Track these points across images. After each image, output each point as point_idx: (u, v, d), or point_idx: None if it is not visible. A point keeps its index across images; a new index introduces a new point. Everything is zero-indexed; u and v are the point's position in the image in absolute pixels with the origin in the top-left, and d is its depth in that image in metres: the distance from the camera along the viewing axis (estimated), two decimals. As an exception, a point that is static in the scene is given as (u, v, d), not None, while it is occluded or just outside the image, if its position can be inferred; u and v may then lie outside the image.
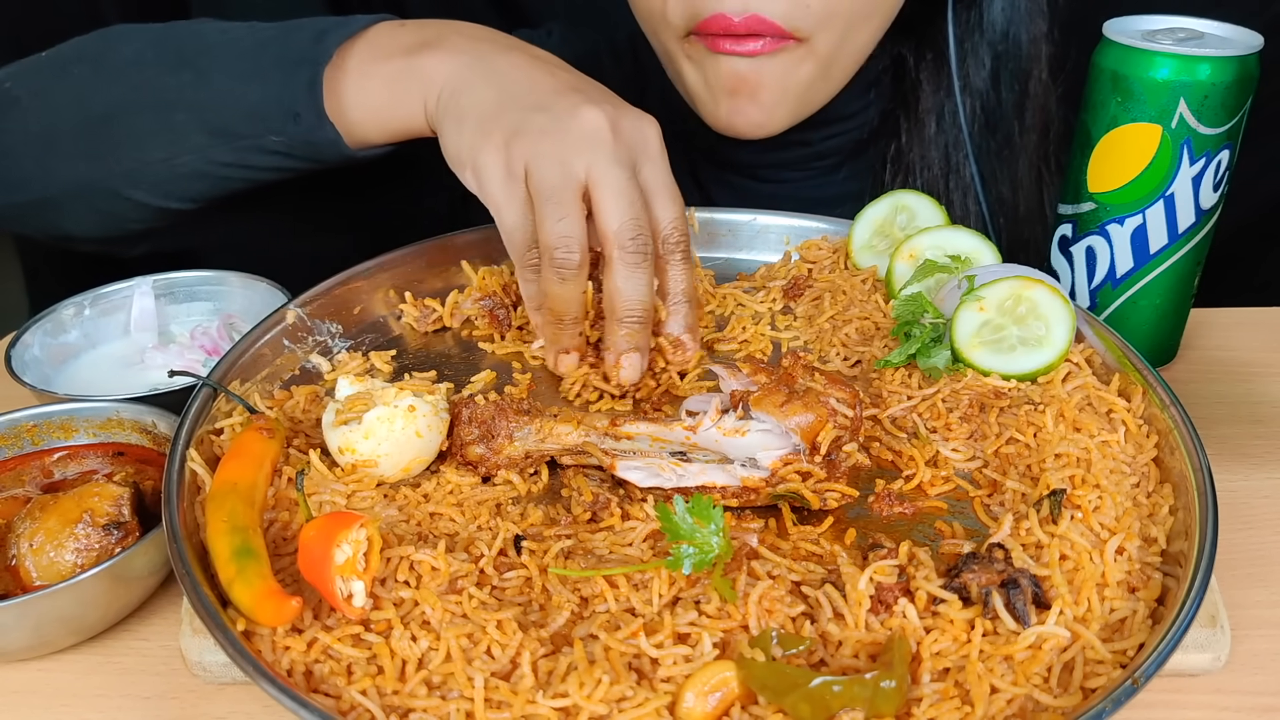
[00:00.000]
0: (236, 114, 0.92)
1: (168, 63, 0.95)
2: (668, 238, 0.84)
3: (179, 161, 0.95)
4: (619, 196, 0.79)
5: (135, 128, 0.95)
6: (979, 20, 1.09)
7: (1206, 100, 0.85)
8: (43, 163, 0.98)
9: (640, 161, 0.83)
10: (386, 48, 0.91)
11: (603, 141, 0.80)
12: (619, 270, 0.80)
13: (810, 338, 0.94)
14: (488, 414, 0.76)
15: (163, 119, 0.94)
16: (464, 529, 0.72)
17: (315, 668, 0.61)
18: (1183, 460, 0.73)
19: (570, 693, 0.58)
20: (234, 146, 0.93)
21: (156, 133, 0.95)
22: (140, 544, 0.68)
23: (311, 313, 0.92)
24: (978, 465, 0.78)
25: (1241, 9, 0.94)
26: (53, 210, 1.01)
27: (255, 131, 0.92)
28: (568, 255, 0.79)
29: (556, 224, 0.79)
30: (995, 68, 1.10)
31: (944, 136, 1.12)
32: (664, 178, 0.84)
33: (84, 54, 0.99)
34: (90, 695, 0.67)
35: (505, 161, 0.81)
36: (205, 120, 0.93)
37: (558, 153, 0.79)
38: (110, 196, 0.98)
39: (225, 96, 0.92)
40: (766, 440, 0.73)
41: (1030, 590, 0.64)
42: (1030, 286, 0.83)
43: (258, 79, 0.91)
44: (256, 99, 0.91)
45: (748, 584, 0.66)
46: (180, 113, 0.94)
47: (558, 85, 0.84)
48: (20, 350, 0.90)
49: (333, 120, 0.90)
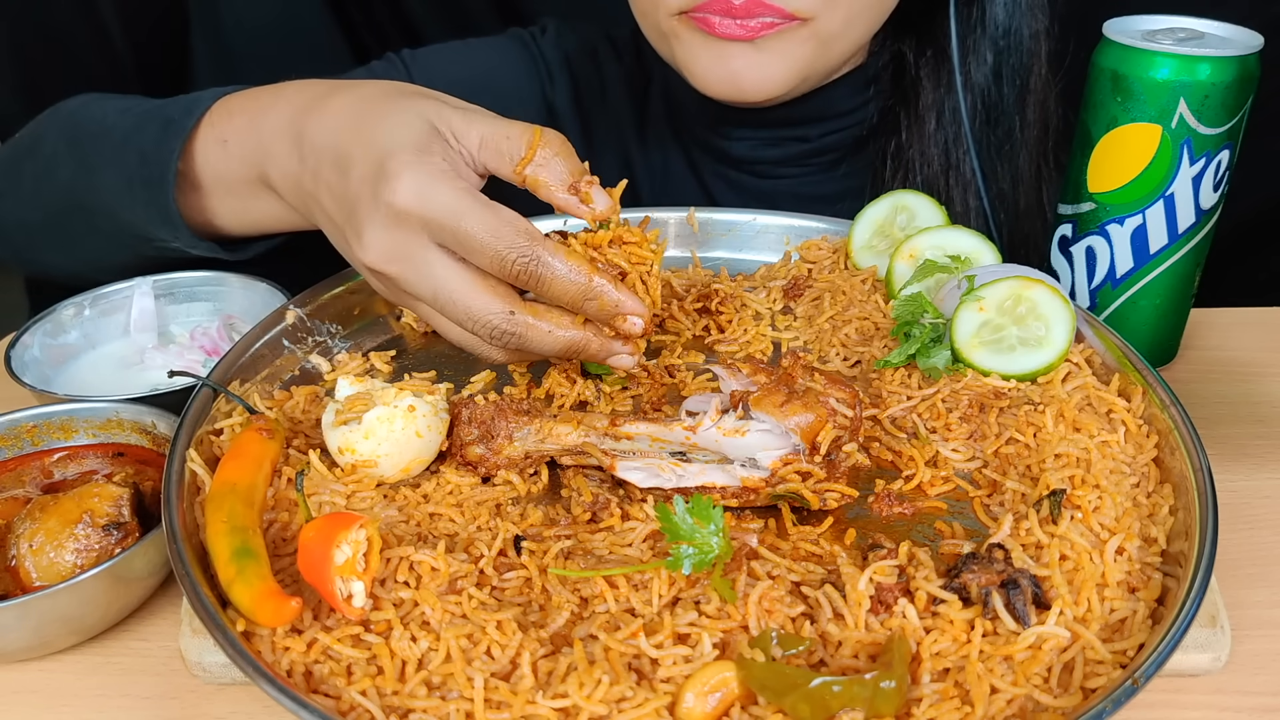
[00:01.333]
0: (131, 227, 0.96)
1: (76, 162, 0.98)
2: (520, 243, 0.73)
3: (120, 257, 1.00)
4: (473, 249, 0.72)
5: (74, 227, 1.01)
6: (981, 16, 1.09)
7: (1206, 100, 0.85)
8: (28, 250, 1.07)
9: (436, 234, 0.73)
10: (227, 177, 0.90)
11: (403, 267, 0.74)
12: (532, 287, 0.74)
13: (810, 338, 0.94)
14: (487, 414, 0.76)
15: (89, 222, 0.99)
16: (464, 529, 0.72)
17: (315, 668, 0.61)
18: (1183, 460, 0.73)
19: (570, 693, 0.58)
20: (151, 247, 0.98)
21: (89, 233, 1.00)
22: (140, 544, 0.68)
23: (311, 313, 0.92)
24: (978, 465, 0.78)
25: (1241, 9, 0.94)
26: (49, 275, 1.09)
27: (150, 240, 0.96)
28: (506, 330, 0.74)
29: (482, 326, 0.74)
30: (997, 63, 1.10)
31: (944, 133, 1.12)
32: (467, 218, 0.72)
33: (29, 147, 1.03)
34: (90, 695, 0.67)
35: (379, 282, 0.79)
36: (119, 226, 0.97)
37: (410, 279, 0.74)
38: (89, 275, 1.01)
39: (116, 208, 0.95)
40: (766, 440, 0.73)
41: (1030, 590, 0.64)
42: (1030, 286, 0.83)
43: (128, 194, 0.93)
44: (139, 219, 0.94)
45: (747, 584, 0.65)
46: (100, 216, 0.98)
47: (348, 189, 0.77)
48: (20, 351, 0.90)
49: (207, 228, 0.94)
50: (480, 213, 0.71)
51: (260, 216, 0.92)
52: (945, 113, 1.12)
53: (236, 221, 0.94)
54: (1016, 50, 1.10)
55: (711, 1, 0.93)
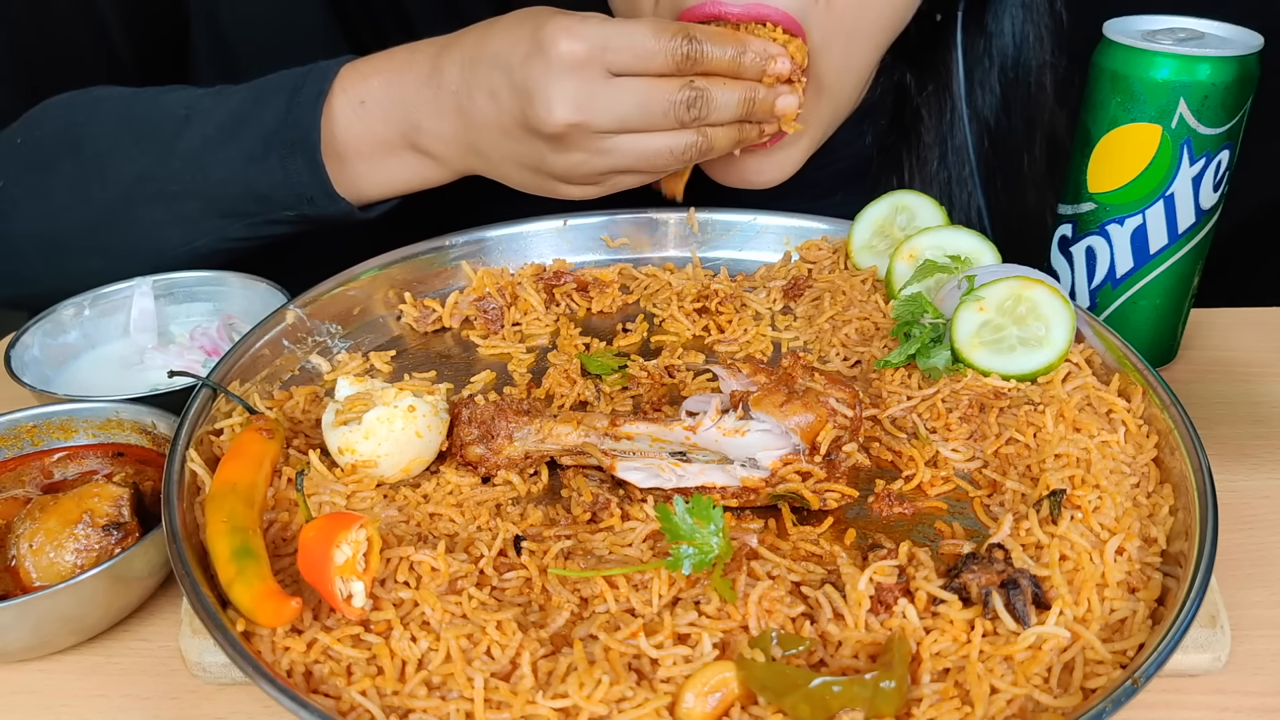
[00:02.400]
0: (246, 199, 0.95)
1: (150, 151, 0.96)
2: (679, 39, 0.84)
3: (196, 244, 0.99)
4: (632, 56, 0.82)
5: (145, 219, 0.98)
6: (988, 48, 1.07)
7: (1206, 100, 0.85)
8: (54, 262, 1.01)
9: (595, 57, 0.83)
10: (368, 139, 0.93)
11: (576, 61, 0.82)
12: (704, 58, 0.83)
13: (810, 338, 0.94)
14: (487, 414, 0.76)
15: (171, 209, 0.97)
16: (464, 529, 0.72)
17: (315, 668, 0.61)
18: (1183, 460, 0.73)
19: (570, 693, 0.58)
20: (247, 223, 0.97)
21: (168, 221, 0.98)
22: (140, 544, 0.68)
23: (311, 313, 0.92)
24: (978, 465, 0.78)
25: (1241, 9, 0.94)
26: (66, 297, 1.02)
27: (267, 210, 0.96)
28: (690, 99, 0.84)
29: (661, 117, 0.84)
30: (1005, 97, 1.09)
31: (946, 172, 1.11)
32: (621, 35, 0.83)
33: (60, 143, 1.00)
34: (90, 695, 0.67)
35: (593, 185, 0.90)
36: (215, 206, 0.96)
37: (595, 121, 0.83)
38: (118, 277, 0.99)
39: (228, 184, 0.95)
40: (766, 440, 0.73)
41: (1030, 590, 0.64)
42: (1030, 286, 0.83)
43: (256, 166, 0.93)
44: (264, 187, 0.94)
45: (747, 584, 0.65)
46: (188, 201, 0.96)
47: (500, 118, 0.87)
48: (20, 350, 0.90)
49: (345, 196, 0.94)
50: (634, 25, 0.83)
51: (392, 176, 0.95)
52: (949, 152, 1.11)
53: (370, 184, 0.95)
54: (1024, 83, 1.09)
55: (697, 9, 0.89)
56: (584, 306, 0.99)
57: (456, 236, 1.01)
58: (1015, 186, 1.13)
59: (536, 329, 0.96)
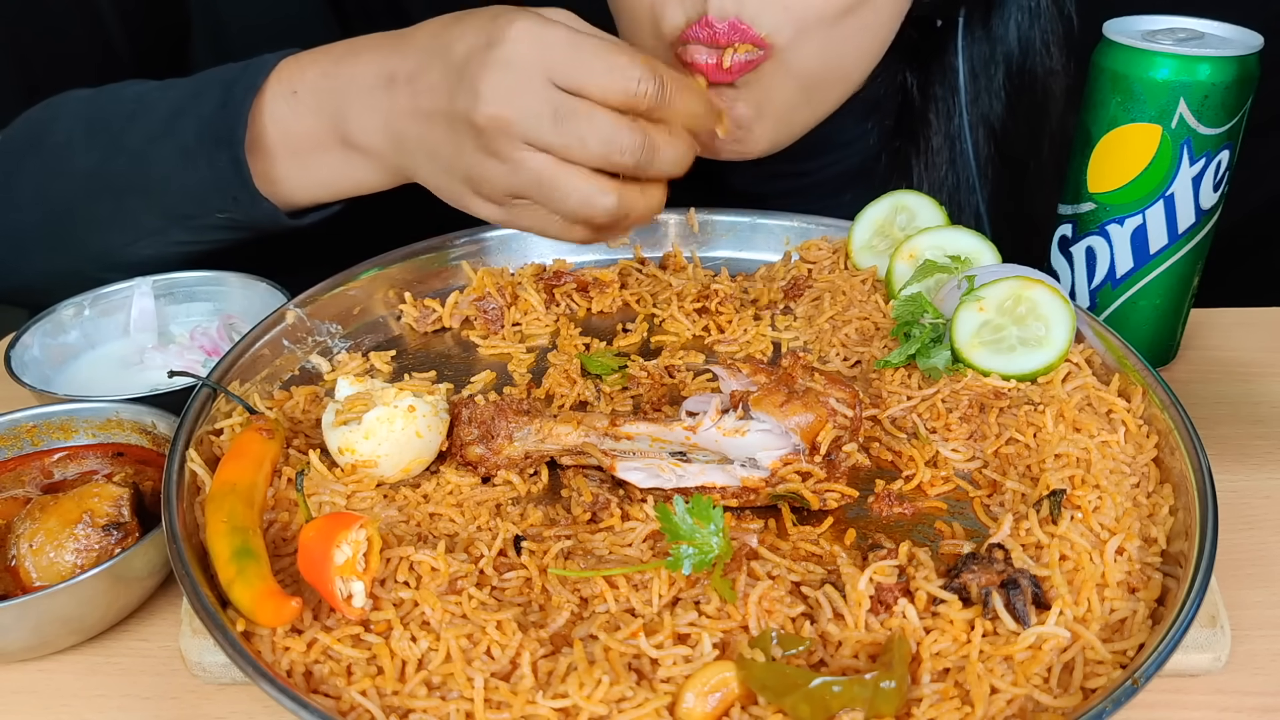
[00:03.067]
0: (180, 197, 0.93)
1: (101, 146, 0.95)
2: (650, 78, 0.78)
3: (141, 244, 0.97)
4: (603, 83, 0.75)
5: (93, 217, 0.96)
6: (992, 53, 1.06)
7: (1206, 100, 0.85)
8: (18, 257, 1.01)
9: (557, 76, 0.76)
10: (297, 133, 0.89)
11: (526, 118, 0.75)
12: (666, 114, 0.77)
13: (810, 338, 0.94)
14: (487, 414, 0.76)
15: (118, 205, 0.95)
16: (464, 529, 0.72)
17: (315, 668, 0.61)
18: (1183, 460, 0.73)
19: (570, 693, 0.58)
20: (187, 226, 0.95)
21: (114, 219, 0.96)
22: (140, 544, 0.68)
23: (311, 313, 0.92)
24: (978, 465, 0.78)
25: (1241, 9, 0.94)
26: (34, 294, 1.02)
27: (202, 211, 0.94)
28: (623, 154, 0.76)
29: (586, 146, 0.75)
30: (1010, 102, 1.08)
31: (953, 172, 1.11)
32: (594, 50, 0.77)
33: (29, 143, 0.99)
34: (90, 695, 0.67)
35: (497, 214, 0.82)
36: (155, 204, 0.94)
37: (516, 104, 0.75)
38: (85, 280, 0.99)
39: (166, 182, 0.92)
40: (766, 440, 0.73)
41: (1030, 590, 0.64)
42: (1030, 286, 0.83)
43: (188, 162, 0.91)
44: (193, 183, 0.91)
45: (747, 584, 0.65)
46: (131, 198, 0.94)
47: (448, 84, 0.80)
48: (20, 351, 0.90)
49: (270, 197, 0.90)
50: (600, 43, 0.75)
51: (325, 177, 0.91)
52: (955, 154, 1.10)
53: (298, 185, 0.92)
54: (1028, 88, 1.08)
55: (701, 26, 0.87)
56: (584, 306, 0.99)
57: (456, 236, 1.01)
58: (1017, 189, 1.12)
59: (536, 329, 0.96)
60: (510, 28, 0.75)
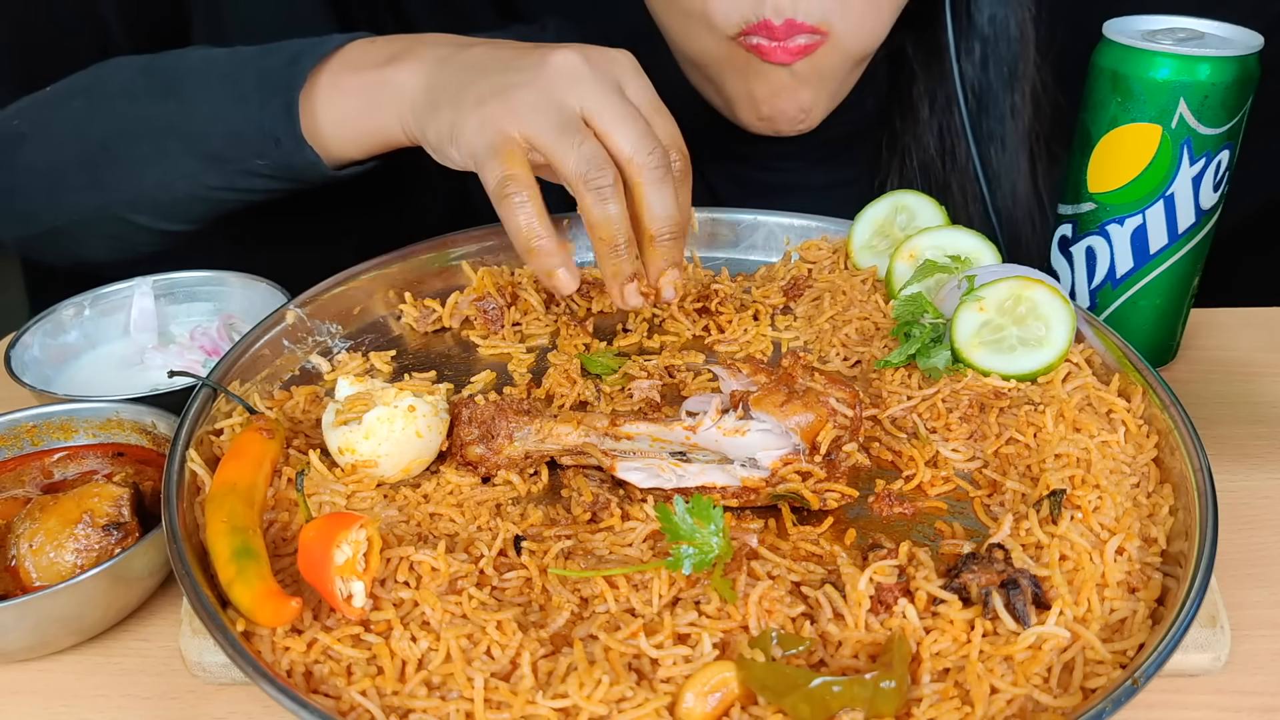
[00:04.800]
0: (221, 140, 0.95)
1: (155, 91, 0.98)
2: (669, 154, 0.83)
3: (175, 187, 0.98)
4: (623, 118, 0.79)
5: (131, 156, 0.98)
6: (967, 8, 1.12)
7: (1206, 100, 0.85)
8: (51, 195, 1.02)
9: (623, 84, 0.82)
10: (356, 64, 0.92)
11: (583, 75, 0.80)
12: (647, 190, 0.80)
13: (810, 338, 0.94)
14: (488, 414, 0.76)
15: (156, 146, 0.97)
16: (464, 529, 0.72)
17: (315, 668, 0.61)
18: (1183, 460, 0.73)
19: (570, 693, 0.58)
20: (222, 170, 0.96)
21: (151, 159, 0.97)
22: (140, 544, 0.68)
23: (311, 313, 0.92)
24: (978, 465, 0.78)
25: (1241, 9, 0.94)
26: (65, 239, 1.05)
27: (240, 156, 0.95)
28: (600, 173, 0.78)
29: (579, 149, 0.77)
30: (984, 52, 1.14)
31: (937, 119, 1.16)
32: (650, 95, 0.84)
33: (79, 86, 1.02)
34: (90, 695, 0.67)
35: (482, 120, 0.80)
36: (194, 146, 0.96)
37: (543, 99, 0.79)
38: (116, 223, 1.01)
39: (210, 123, 0.95)
40: (766, 440, 0.73)
41: (1030, 590, 0.64)
42: (1030, 287, 0.83)
43: (238, 104, 0.93)
44: (238, 125, 0.94)
45: (748, 584, 0.65)
46: (171, 140, 0.96)
47: (521, 51, 0.85)
48: (20, 351, 0.90)
49: (310, 142, 0.92)
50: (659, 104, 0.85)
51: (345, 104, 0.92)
52: (939, 99, 1.15)
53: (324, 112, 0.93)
54: (1004, 38, 1.13)
55: (759, 26, 0.95)
56: (584, 307, 0.99)
57: (456, 236, 1.01)
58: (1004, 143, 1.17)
59: (536, 329, 0.96)
60: (600, 48, 0.83)
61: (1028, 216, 1.18)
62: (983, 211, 1.14)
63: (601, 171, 0.78)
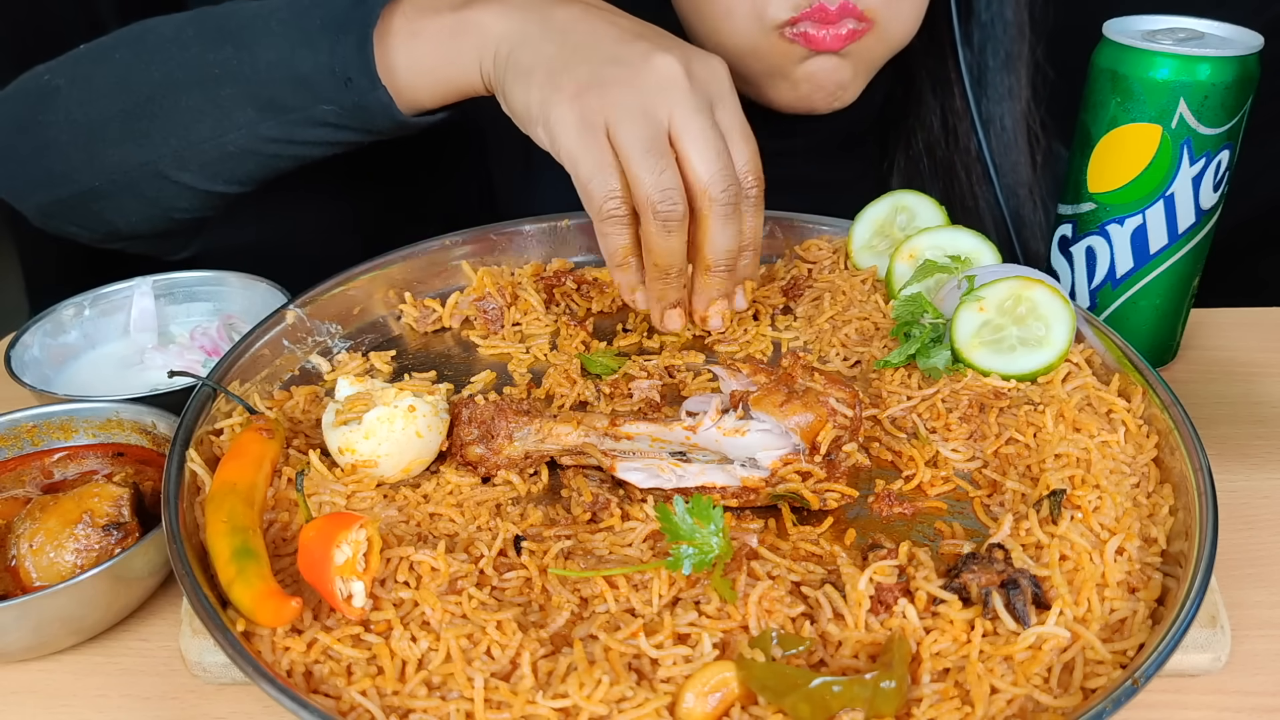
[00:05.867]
0: (285, 85, 0.91)
1: (209, 39, 0.93)
2: (743, 180, 0.83)
3: (227, 139, 0.94)
4: (706, 145, 0.79)
5: (181, 106, 0.94)
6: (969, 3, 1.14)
7: (1206, 100, 0.85)
8: (88, 151, 0.97)
9: (715, 103, 0.82)
10: (433, 4, 0.89)
11: (680, 88, 0.80)
12: (713, 222, 0.81)
13: (810, 338, 0.94)
14: (487, 414, 0.76)
15: (209, 95, 0.93)
16: (464, 529, 0.72)
17: (315, 668, 0.61)
18: (1183, 460, 0.73)
19: (570, 693, 0.58)
20: (282, 120, 0.92)
21: (203, 110, 0.93)
22: (140, 544, 0.68)
23: (311, 313, 0.92)
24: (978, 465, 0.78)
25: (1241, 9, 0.94)
26: (100, 201, 1.00)
27: (305, 103, 0.91)
28: (672, 208, 0.78)
29: (658, 177, 0.78)
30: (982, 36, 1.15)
31: (939, 100, 1.17)
32: (738, 119, 0.84)
33: (124, 39, 0.98)
34: (90, 695, 0.67)
35: (580, 113, 0.79)
36: (253, 94, 0.92)
37: (638, 103, 0.78)
38: (158, 181, 0.97)
39: (273, 68, 0.91)
40: (766, 440, 0.73)
41: (1030, 590, 0.64)
42: (1030, 287, 0.83)
43: (305, 47, 0.90)
44: (306, 68, 0.90)
45: (747, 584, 0.65)
46: (226, 87, 0.92)
47: (621, 34, 0.83)
48: (20, 351, 0.90)
49: (384, 84, 0.88)
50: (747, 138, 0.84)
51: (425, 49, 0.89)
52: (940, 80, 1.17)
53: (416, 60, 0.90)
54: (1000, 20, 1.14)
55: (813, 11, 0.96)
56: (584, 307, 0.99)
57: (456, 236, 1.01)
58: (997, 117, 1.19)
59: (536, 329, 0.96)
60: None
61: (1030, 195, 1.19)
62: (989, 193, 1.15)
63: (673, 206, 0.79)
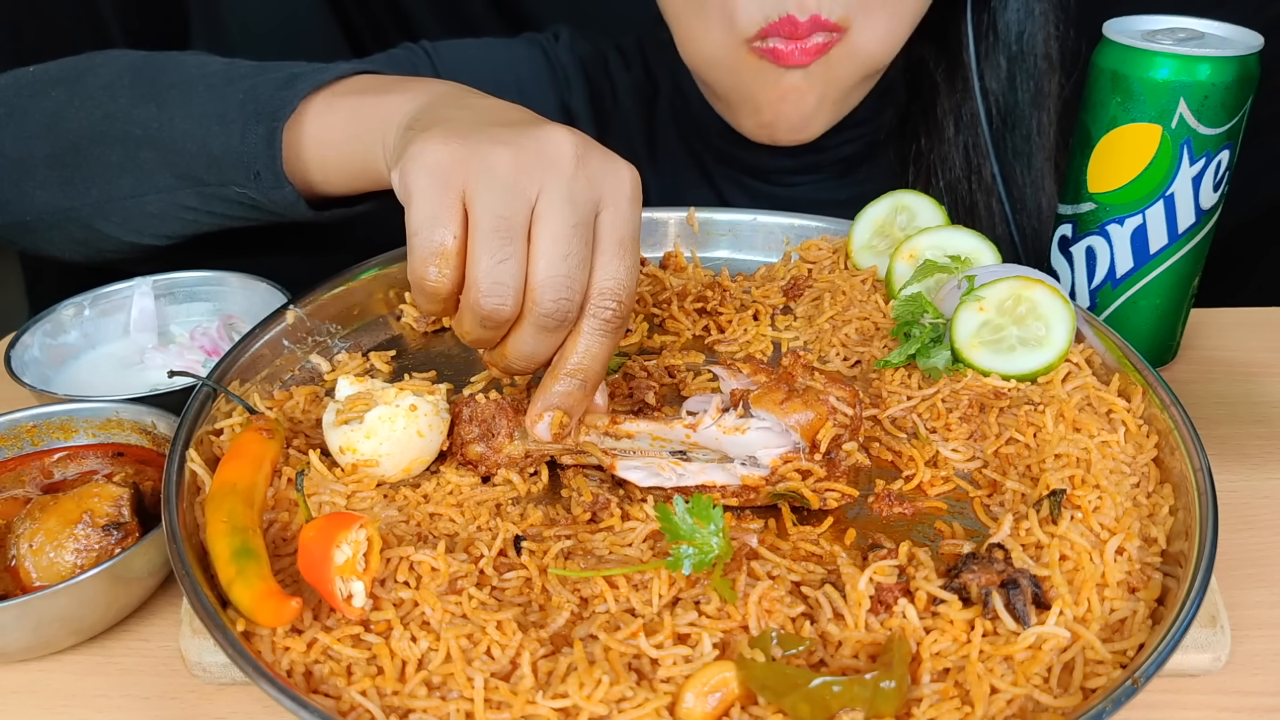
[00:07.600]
0: (199, 159, 0.89)
1: (139, 93, 0.91)
2: (597, 301, 0.69)
3: (147, 199, 0.92)
4: (555, 244, 0.66)
5: (105, 160, 0.92)
6: (993, 23, 1.10)
7: (1206, 100, 0.85)
8: (18, 187, 0.96)
9: (604, 203, 0.69)
10: (354, 89, 0.87)
11: (561, 171, 0.67)
12: (524, 328, 0.68)
13: (810, 338, 0.94)
14: (488, 413, 0.76)
15: (130, 154, 0.91)
16: (464, 529, 0.72)
17: (315, 668, 0.61)
18: (1183, 460, 0.73)
19: (570, 693, 0.58)
20: (199, 192, 0.91)
21: (124, 167, 0.91)
22: (140, 544, 0.68)
23: (311, 313, 0.92)
24: (978, 465, 0.78)
25: (1241, 9, 0.94)
26: (32, 234, 1.00)
27: (217, 180, 0.89)
28: (498, 306, 0.66)
29: (495, 265, 0.65)
30: (1011, 70, 1.11)
31: (963, 137, 1.13)
32: (625, 233, 0.69)
33: (67, 73, 0.96)
34: (90, 695, 0.67)
35: (441, 160, 0.66)
36: (170, 162, 0.90)
37: (509, 173, 0.66)
38: (83, 227, 0.96)
39: (188, 139, 0.88)
40: (766, 438, 0.73)
41: (1030, 590, 0.64)
42: (1030, 286, 0.83)
43: (219, 124, 0.87)
44: (218, 149, 0.87)
45: (747, 584, 0.66)
46: (146, 149, 0.90)
47: (530, 116, 0.74)
48: (20, 351, 0.90)
49: (294, 170, 0.87)
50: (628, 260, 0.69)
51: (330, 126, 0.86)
52: (964, 117, 1.13)
53: (322, 138, 0.87)
54: (1030, 55, 1.11)
55: (781, 23, 0.94)
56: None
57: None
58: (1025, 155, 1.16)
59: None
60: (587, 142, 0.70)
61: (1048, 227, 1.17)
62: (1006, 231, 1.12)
63: (499, 304, 0.66)
